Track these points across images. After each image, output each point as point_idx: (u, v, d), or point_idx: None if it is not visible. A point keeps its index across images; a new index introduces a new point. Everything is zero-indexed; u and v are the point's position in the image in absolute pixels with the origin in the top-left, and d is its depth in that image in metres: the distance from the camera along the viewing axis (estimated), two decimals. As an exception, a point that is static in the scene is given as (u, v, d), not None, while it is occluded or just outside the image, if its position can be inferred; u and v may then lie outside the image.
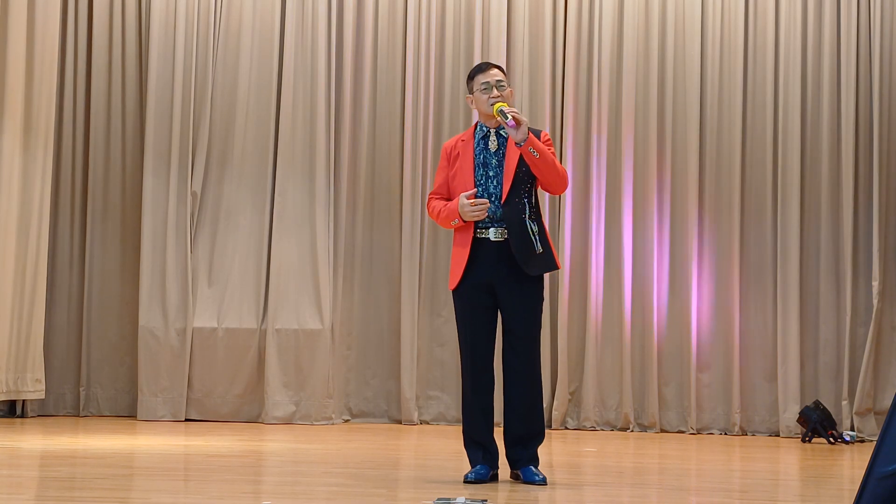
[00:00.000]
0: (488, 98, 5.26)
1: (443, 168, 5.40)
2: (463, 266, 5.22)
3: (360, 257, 8.63)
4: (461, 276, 5.24)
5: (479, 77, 5.32)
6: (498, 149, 5.30)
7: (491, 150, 5.31)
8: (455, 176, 5.33)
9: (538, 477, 5.19)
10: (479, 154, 5.31)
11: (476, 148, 5.33)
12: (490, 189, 5.26)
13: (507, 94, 5.30)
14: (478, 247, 5.23)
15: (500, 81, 5.29)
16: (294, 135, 8.53)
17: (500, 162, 5.28)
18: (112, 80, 8.64)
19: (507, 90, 5.33)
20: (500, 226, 5.22)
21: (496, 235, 5.22)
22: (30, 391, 8.03)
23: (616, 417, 8.43)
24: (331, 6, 8.63)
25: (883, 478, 3.39)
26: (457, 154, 5.36)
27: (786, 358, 8.31)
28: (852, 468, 6.53)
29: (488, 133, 5.34)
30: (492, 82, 5.28)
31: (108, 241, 8.59)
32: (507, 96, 5.29)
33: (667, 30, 8.61)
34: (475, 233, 5.24)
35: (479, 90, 5.31)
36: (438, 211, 5.33)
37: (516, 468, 5.29)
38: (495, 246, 5.21)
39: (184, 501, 4.53)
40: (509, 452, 5.29)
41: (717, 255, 8.49)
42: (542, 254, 5.23)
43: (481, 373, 5.26)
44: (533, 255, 5.20)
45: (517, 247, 5.18)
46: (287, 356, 8.33)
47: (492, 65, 5.38)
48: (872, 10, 8.45)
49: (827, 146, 8.45)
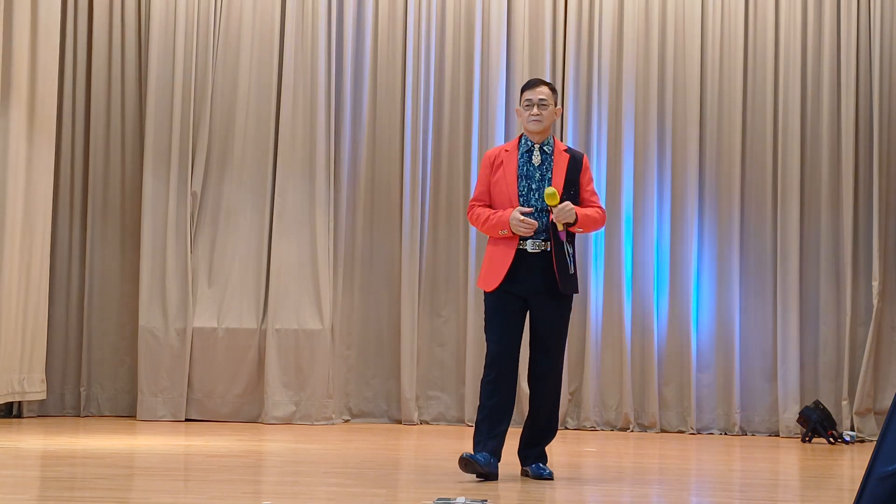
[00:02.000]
0: (529, 115, 5.46)
1: (485, 176, 5.55)
2: (504, 273, 5.36)
3: (360, 257, 8.63)
4: (501, 282, 5.39)
5: (526, 93, 5.53)
6: (542, 164, 5.48)
7: (535, 164, 5.48)
8: (497, 184, 5.48)
9: (546, 472, 5.43)
10: (523, 166, 5.48)
11: (520, 160, 5.49)
12: (531, 202, 5.44)
13: (548, 112, 5.47)
14: (520, 257, 5.40)
15: (542, 100, 5.47)
16: (294, 135, 8.53)
17: (543, 176, 5.45)
18: (111, 80, 8.64)
19: (551, 108, 5.49)
20: (537, 238, 5.40)
21: (533, 247, 5.40)
22: (35, 392, 8.03)
23: (616, 417, 8.43)
24: (331, 6, 8.63)
25: (883, 478, 3.39)
26: (500, 163, 5.50)
27: (786, 358, 8.31)
28: (852, 468, 6.53)
29: (532, 147, 5.51)
30: (534, 100, 5.48)
31: (108, 242, 8.58)
32: (546, 115, 5.46)
33: (667, 30, 8.61)
34: (518, 243, 5.40)
35: (522, 105, 5.53)
36: (486, 218, 5.46)
37: (526, 465, 5.51)
38: (534, 258, 5.39)
39: (184, 501, 4.53)
40: (522, 451, 5.53)
41: (717, 255, 8.49)
42: (573, 274, 5.47)
43: (504, 373, 5.38)
44: (568, 275, 5.43)
45: (558, 265, 5.40)
46: (287, 356, 8.33)
47: (542, 82, 5.58)
48: (872, 11, 8.44)
49: (827, 146, 8.45)
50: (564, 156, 5.50)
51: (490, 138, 8.55)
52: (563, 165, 5.46)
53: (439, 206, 8.64)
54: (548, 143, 5.52)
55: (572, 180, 5.47)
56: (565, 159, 5.49)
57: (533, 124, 5.46)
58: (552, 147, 5.52)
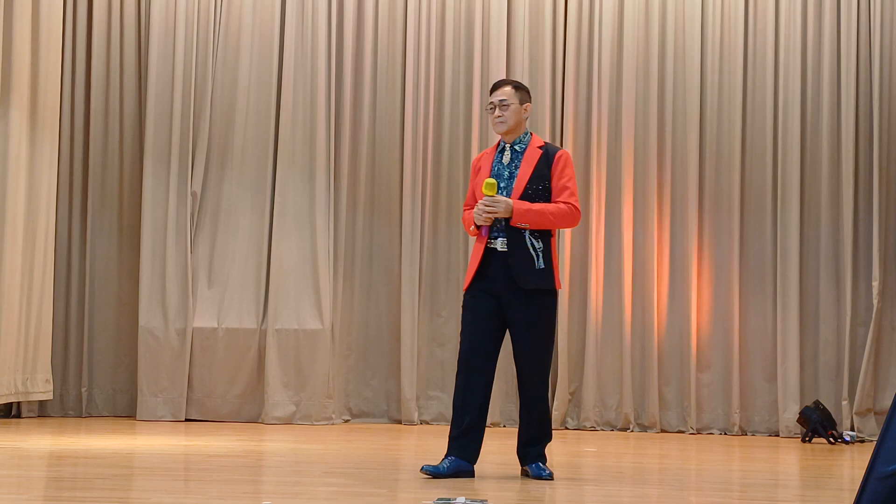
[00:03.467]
0: (492, 118, 5.52)
1: (472, 180, 5.63)
2: (473, 271, 5.44)
3: (360, 257, 8.63)
4: (471, 280, 5.45)
5: (490, 97, 5.57)
6: (511, 162, 5.51)
7: (504, 163, 5.52)
8: (477, 186, 5.54)
9: (545, 472, 5.42)
10: (496, 166, 5.53)
11: (494, 160, 5.55)
12: None
13: (510, 113, 5.47)
14: (488, 255, 5.43)
15: (503, 101, 5.50)
16: (294, 135, 8.53)
17: (511, 174, 5.47)
18: (111, 80, 8.63)
19: (513, 107, 5.48)
20: (505, 236, 5.41)
21: (502, 245, 5.42)
22: (40, 392, 8.03)
23: (616, 417, 8.43)
24: (331, 6, 8.63)
25: (883, 478, 3.40)
26: (479, 167, 5.59)
27: (786, 358, 8.31)
28: (852, 468, 6.53)
29: (504, 147, 5.56)
30: (495, 102, 5.52)
31: (108, 242, 8.58)
32: (509, 116, 5.47)
33: (667, 30, 8.61)
34: (487, 241, 5.43)
35: (487, 110, 5.62)
36: (466, 220, 5.59)
37: (525, 464, 5.52)
38: (501, 256, 5.40)
39: (184, 501, 4.53)
40: (519, 451, 5.56)
41: (717, 255, 8.49)
42: (542, 270, 5.39)
43: (471, 373, 5.43)
44: (531, 270, 5.37)
45: (514, 259, 5.37)
46: (287, 356, 8.33)
47: (505, 82, 5.60)
48: (872, 11, 8.44)
49: (827, 146, 8.45)
50: (537, 152, 5.49)
51: (490, 138, 8.55)
52: (533, 161, 5.46)
53: (439, 206, 8.64)
54: (521, 140, 5.53)
55: (541, 175, 5.44)
56: (537, 155, 5.48)
57: (497, 126, 5.51)
58: (525, 144, 5.52)
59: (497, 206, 5.34)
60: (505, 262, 5.39)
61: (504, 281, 5.38)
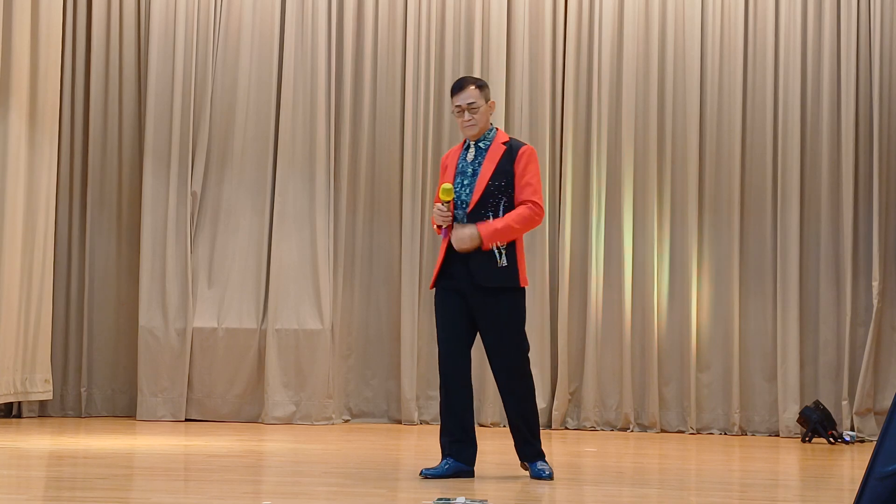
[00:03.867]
0: (461, 122, 5.42)
1: (440, 178, 5.58)
2: (437, 269, 5.43)
3: (360, 257, 8.62)
4: (435, 278, 5.44)
5: (454, 99, 5.45)
6: (475, 159, 5.44)
7: (468, 160, 5.45)
8: None
9: (545, 473, 5.37)
10: (460, 163, 5.47)
11: (459, 158, 5.50)
12: (462, 196, 5.41)
13: (479, 115, 5.39)
14: (451, 253, 5.39)
15: (471, 104, 5.39)
16: (294, 135, 8.53)
17: (475, 171, 5.42)
18: (110, 80, 8.63)
19: (482, 108, 5.40)
20: None
21: None
22: (39, 392, 8.03)
23: (616, 417, 8.43)
24: (331, 6, 8.63)
25: (883, 478, 3.39)
26: (447, 165, 5.55)
27: (786, 358, 8.31)
28: (852, 468, 6.53)
29: (469, 145, 5.50)
30: (463, 106, 5.41)
31: (108, 242, 8.58)
32: (479, 118, 5.39)
33: (667, 30, 8.61)
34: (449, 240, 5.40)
35: (454, 112, 5.48)
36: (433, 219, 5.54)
37: (524, 461, 5.50)
38: (462, 255, 5.36)
39: (184, 501, 4.53)
40: (517, 451, 5.51)
41: (717, 255, 8.49)
42: (505, 268, 5.33)
43: (452, 372, 5.40)
44: (493, 268, 5.32)
45: (475, 258, 5.33)
46: (287, 356, 8.32)
47: (468, 82, 5.46)
48: (872, 11, 8.44)
49: (827, 146, 8.45)
50: (501, 147, 5.42)
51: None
52: (496, 157, 5.39)
53: (439, 206, 8.62)
54: (485, 137, 5.45)
55: (504, 171, 5.37)
56: (500, 151, 5.41)
57: (468, 130, 5.43)
58: (490, 141, 5.44)
59: (462, 243, 5.28)
60: (466, 260, 5.34)
61: (466, 279, 5.35)
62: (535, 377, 8.36)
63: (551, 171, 8.60)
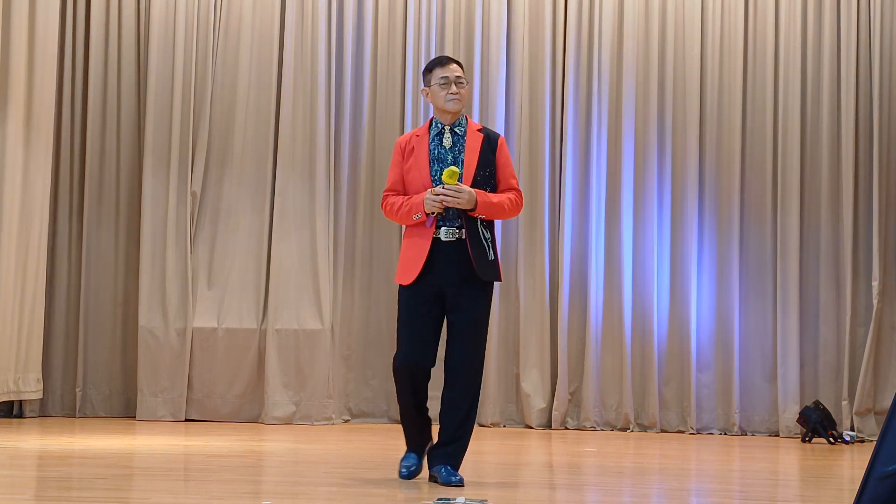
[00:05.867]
0: (447, 94, 5.18)
1: (397, 164, 5.30)
2: (421, 264, 5.12)
3: (360, 257, 8.62)
4: (417, 275, 5.14)
5: (438, 71, 5.23)
6: (453, 146, 5.23)
7: (445, 146, 5.23)
8: (410, 171, 5.24)
9: (455, 478, 5.07)
10: (434, 149, 5.23)
11: (431, 143, 5.25)
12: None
13: (465, 91, 5.24)
14: (435, 247, 5.14)
15: (459, 78, 5.22)
16: (294, 135, 8.53)
17: (455, 158, 5.20)
18: (109, 80, 8.62)
19: (468, 87, 5.28)
20: (451, 225, 5.14)
21: (447, 235, 5.13)
22: (31, 391, 8.03)
23: (616, 417, 8.43)
24: (331, 6, 8.63)
25: (883, 478, 3.40)
26: (411, 149, 5.26)
27: (785, 358, 8.31)
28: (852, 468, 6.53)
29: (443, 130, 5.26)
30: (451, 77, 5.20)
31: (107, 242, 8.58)
32: (464, 94, 5.22)
33: (667, 30, 8.61)
34: (433, 232, 5.14)
35: (437, 84, 5.21)
36: (399, 206, 5.23)
37: (432, 466, 5.21)
38: (449, 247, 5.13)
39: (184, 501, 4.53)
40: (434, 451, 5.23)
41: (717, 255, 8.49)
42: (492, 261, 5.19)
43: (414, 373, 5.17)
44: (486, 262, 5.15)
45: (474, 250, 5.13)
46: (287, 356, 8.32)
47: (452, 59, 5.29)
48: (872, 11, 8.45)
49: (827, 146, 8.45)
50: (478, 136, 5.23)
51: (490, 138, 8.55)
52: (477, 146, 5.20)
53: (439, 206, 8.62)
54: (459, 123, 5.24)
55: (486, 161, 5.21)
56: (479, 139, 5.22)
57: (452, 104, 5.18)
58: (464, 128, 5.24)
59: (461, 196, 5.04)
60: (455, 253, 5.11)
61: (452, 273, 5.11)
62: (535, 377, 8.44)
63: (551, 171, 8.60)
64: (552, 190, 8.58)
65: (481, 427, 8.35)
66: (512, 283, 8.52)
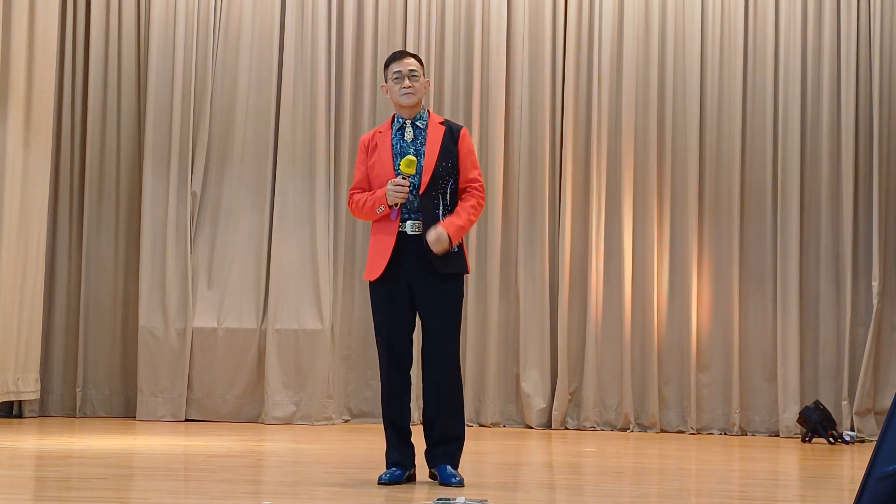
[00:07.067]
0: (400, 88, 5.19)
1: (361, 161, 5.30)
2: (387, 258, 5.11)
3: (360, 257, 8.62)
4: (384, 269, 5.12)
5: (393, 65, 5.23)
6: (415, 139, 5.22)
7: (407, 140, 5.22)
8: (374, 167, 5.23)
9: (455, 479, 5.05)
10: (396, 144, 5.23)
11: (393, 138, 5.25)
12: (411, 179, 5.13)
13: (419, 84, 5.21)
14: (401, 241, 5.11)
15: (413, 72, 5.20)
16: (294, 135, 8.53)
17: (417, 151, 5.20)
18: (109, 80, 8.62)
19: (422, 80, 5.24)
20: (416, 218, 5.13)
21: (412, 228, 5.11)
22: (30, 391, 8.03)
23: (616, 417, 8.43)
24: (331, 6, 8.63)
25: (883, 478, 3.40)
26: (374, 145, 5.27)
27: (786, 358, 8.31)
28: (852, 468, 6.53)
29: (404, 124, 5.25)
30: (404, 72, 5.19)
31: (107, 241, 8.58)
32: (418, 88, 5.21)
33: (667, 30, 8.61)
34: (398, 226, 5.13)
35: (391, 79, 5.22)
36: (363, 203, 5.22)
37: (433, 466, 5.19)
38: (413, 240, 5.11)
39: (184, 501, 4.53)
40: (429, 451, 5.19)
41: (717, 255, 8.49)
42: (456, 253, 5.16)
43: (398, 369, 5.16)
44: (449, 254, 5.10)
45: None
46: (287, 356, 8.32)
47: (407, 53, 5.29)
48: (872, 11, 8.45)
49: (827, 146, 8.45)
50: (440, 128, 5.23)
51: (490, 138, 8.55)
52: (438, 137, 5.19)
53: (439, 206, 8.62)
54: (420, 117, 5.23)
55: (448, 151, 5.19)
56: (440, 131, 5.21)
57: (406, 97, 5.16)
58: (426, 121, 5.23)
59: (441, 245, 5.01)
60: (418, 245, 5.09)
61: (417, 266, 5.08)
62: (535, 377, 8.44)
63: (551, 171, 8.60)
64: (552, 190, 8.58)
65: (481, 427, 8.36)
66: (512, 283, 8.52)
